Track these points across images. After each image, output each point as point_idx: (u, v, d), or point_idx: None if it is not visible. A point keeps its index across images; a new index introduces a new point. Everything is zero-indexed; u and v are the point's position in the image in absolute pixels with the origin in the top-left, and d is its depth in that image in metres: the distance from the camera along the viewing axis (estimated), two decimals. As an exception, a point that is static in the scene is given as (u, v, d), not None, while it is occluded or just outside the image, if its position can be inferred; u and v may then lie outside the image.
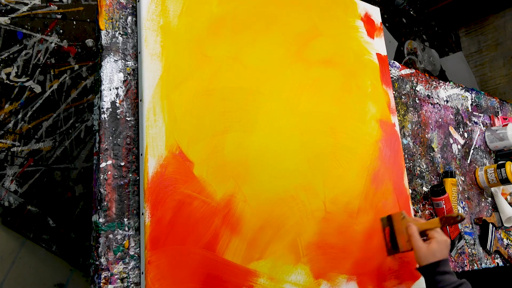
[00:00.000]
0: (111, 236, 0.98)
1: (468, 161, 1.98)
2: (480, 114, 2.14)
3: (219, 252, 1.07)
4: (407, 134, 1.72)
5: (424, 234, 1.28)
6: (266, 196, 1.19)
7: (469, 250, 1.77)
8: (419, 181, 1.69)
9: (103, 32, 1.08)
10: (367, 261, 1.33)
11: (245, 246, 1.12)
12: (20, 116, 1.76)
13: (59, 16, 1.94)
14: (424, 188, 1.69)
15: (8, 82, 1.76)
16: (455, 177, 1.75)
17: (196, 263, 1.03)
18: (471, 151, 1.99)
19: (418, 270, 1.26)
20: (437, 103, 1.91)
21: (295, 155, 1.27)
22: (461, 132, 1.99)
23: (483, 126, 2.13)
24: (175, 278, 0.99)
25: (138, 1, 1.12)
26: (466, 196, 1.89)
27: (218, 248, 1.07)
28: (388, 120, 1.54)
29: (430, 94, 1.89)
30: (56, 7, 1.93)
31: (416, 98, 1.83)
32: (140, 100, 1.07)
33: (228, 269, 1.07)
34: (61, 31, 1.93)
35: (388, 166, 1.48)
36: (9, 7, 1.82)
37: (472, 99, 2.13)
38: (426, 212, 1.64)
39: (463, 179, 1.91)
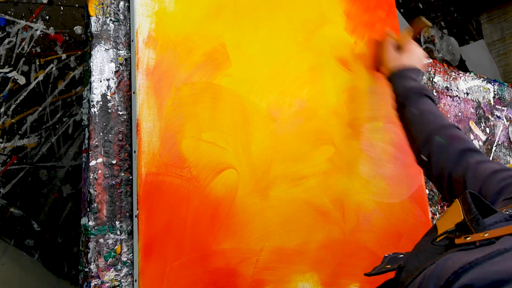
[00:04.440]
0: (101, 240, 0.97)
1: (491, 159, 1.95)
2: (503, 108, 2.13)
3: (222, 259, 1.07)
4: (424, 129, 1.69)
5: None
6: (273, 195, 1.19)
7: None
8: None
9: (92, 19, 1.07)
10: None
11: (250, 254, 1.12)
12: (2, 110, 1.76)
13: (45, 1, 1.93)
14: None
15: (-10, 73, 1.76)
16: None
17: (197, 271, 1.02)
18: (494, 148, 1.99)
19: (388, 79, 1.33)
20: (457, 95, 1.90)
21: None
22: (482, 127, 1.98)
23: (507, 121, 2.12)
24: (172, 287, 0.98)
25: (131, -15, 1.11)
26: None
27: (221, 254, 1.07)
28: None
29: (449, 86, 1.88)
30: (42, -8, 1.93)
31: (434, 91, 1.81)
32: (133, 93, 1.06)
33: (231, 279, 1.07)
34: (47, 17, 1.93)
35: (404, 168, 1.49)
36: (-10, -9, 1.81)
37: (494, 91, 2.12)
38: (445, 214, 1.63)
39: (485, 178, 1.88)
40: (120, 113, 1.06)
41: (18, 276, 1.69)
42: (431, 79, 1.82)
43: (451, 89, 1.89)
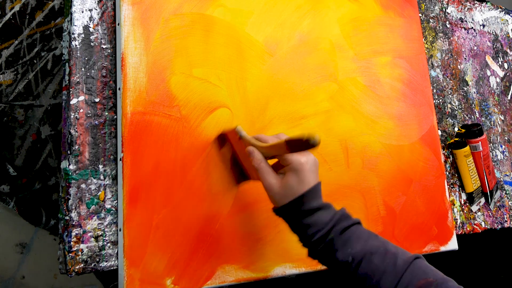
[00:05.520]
0: (83, 186, 0.96)
1: (509, 97, 1.94)
2: (522, 41, 2.10)
3: (215, 205, 1.05)
4: (436, 65, 1.67)
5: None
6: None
7: (510, 203, 1.75)
8: (450, 120, 1.65)
9: None
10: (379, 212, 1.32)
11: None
12: (-24, 43, 1.74)
13: None
14: (456, 129, 1.65)
15: (-39, 3, 1.74)
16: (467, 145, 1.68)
17: (187, 220, 1.01)
18: (513, 85, 1.96)
19: (275, 212, 0.95)
20: (472, 28, 1.87)
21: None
22: (500, 63, 1.95)
23: (526, 56, 2.10)
24: (160, 237, 0.97)
25: None
26: (506, 138, 1.86)
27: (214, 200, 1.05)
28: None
29: (463, 17, 1.84)
30: None
31: (447, 22, 1.78)
32: (118, 24, 1.03)
33: (226, 225, 1.06)
34: None
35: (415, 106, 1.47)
36: None
37: (513, 23, 2.09)
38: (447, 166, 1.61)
39: (502, 118, 1.88)
40: (104, 46, 1.04)
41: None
42: (443, 9, 1.79)
43: (466, 21, 1.86)
